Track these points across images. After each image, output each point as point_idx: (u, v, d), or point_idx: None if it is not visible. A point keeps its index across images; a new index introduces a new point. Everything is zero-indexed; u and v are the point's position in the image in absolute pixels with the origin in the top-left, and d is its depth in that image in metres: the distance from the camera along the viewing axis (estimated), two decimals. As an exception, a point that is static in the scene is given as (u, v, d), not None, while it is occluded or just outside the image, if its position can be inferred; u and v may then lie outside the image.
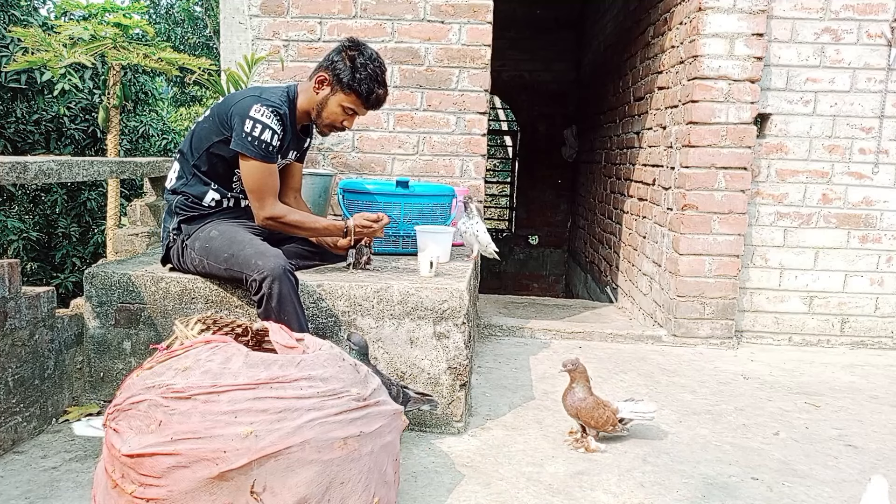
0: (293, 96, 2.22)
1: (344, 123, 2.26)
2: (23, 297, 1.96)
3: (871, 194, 3.38)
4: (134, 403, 1.41)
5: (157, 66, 4.71)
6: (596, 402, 2.06)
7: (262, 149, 2.09)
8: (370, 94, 2.18)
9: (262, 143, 2.08)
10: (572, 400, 2.07)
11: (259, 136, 2.07)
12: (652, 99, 3.98)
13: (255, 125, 2.07)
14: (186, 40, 12.34)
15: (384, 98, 2.24)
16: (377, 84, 2.18)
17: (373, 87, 2.18)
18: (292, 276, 1.99)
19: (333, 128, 2.27)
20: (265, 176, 2.13)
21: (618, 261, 4.81)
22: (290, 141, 2.25)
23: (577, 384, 2.08)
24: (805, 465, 2.09)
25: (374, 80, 2.17)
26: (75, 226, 7.53)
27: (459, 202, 2.70)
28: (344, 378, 1.51)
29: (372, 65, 2.16)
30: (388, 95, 2.26)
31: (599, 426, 2.07)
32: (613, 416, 2.07)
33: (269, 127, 2.08)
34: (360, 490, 1.45)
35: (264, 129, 2.08)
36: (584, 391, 2.07)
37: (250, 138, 2.07)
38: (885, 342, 3.46)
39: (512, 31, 7.50)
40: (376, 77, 2.18)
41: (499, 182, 11.83)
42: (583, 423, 2.08)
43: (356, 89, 2.16)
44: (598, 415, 2.05)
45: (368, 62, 2.16)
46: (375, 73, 2.17)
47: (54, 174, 2.25)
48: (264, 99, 2.11)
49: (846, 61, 3.29)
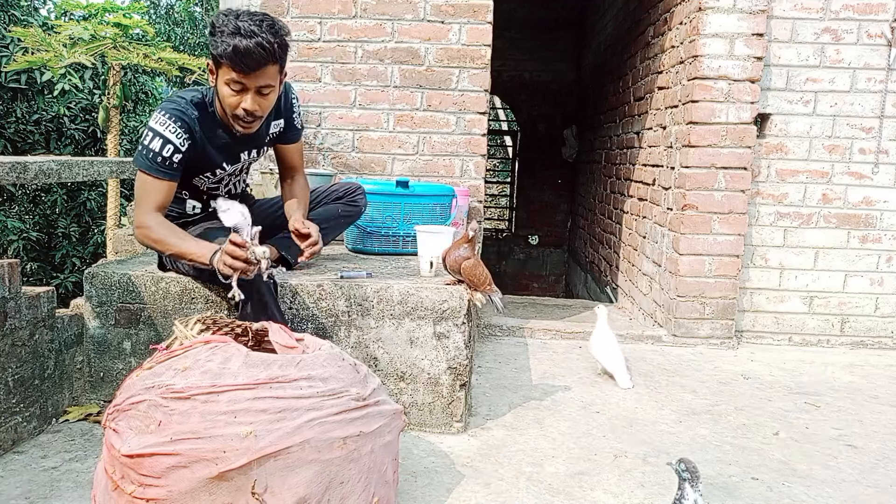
0: (213, 97, 2.00)
1: (243, 107, 1.90)
2: (23, 297, 1.96)
3: (871, 194, 3.38)
4: (133, 404, 1.41)
5: (157, 66, 4.72)
6: (477, 261, 2.17)
7: (146, 157, 1.91)
8: (227, 49, 1.78)
9: (150, 153, 1.91)
10: (456, 256, 2.16)
11: (148, 144, 1.91)
12: (652, 99, 3.98)
13: (147, 133, 1.92)
14: (186, 40, 12.33)
15: (255, 50, 1.79)
16: (239, 36, 1.78)
17: (231, 41, 1.78)
18: (269, 279, 1.95)
19: (238, 118, 1.94)
20: (142, 185, 1.94)
21: (618, 261, 4.81)
22: (224, 144, 2.06)
23: (462, 246, 2.16)
24: (805, 465, 2.09)
25: (233, 34, 1.78)
26: (75, 226, 7.53)
27: None
28: (343, 378, 1.51)
29: (234, 20, 1.80)
30: (266, 48, 1.81)
31: (479, 284, 2.17)
32: (489, 277, 2.20)
33: (160, 135, 1.91)
34: (359, 490, 1.45)
35: (154, 137, 1.91)
36: (468, 251, 2.16)
37: (140, 146, 1.93)
38: (885, 342, 3.46)
39: (512, 31, 7.50)
40: (238, 30, 1.78)
41: (499, 182, 11.83)
42: (465, 279, 2.17)
43: (219, 53, 1.81)
44: (479, 272, 2.16)
45: (231, 19, 1.81)
46: (238, 26, 1.79)
47: (54, 174, 2.25)
48: (169, 102, 1.94)
49: (846, 61, 3.29)
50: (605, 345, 2.82)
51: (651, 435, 2.26)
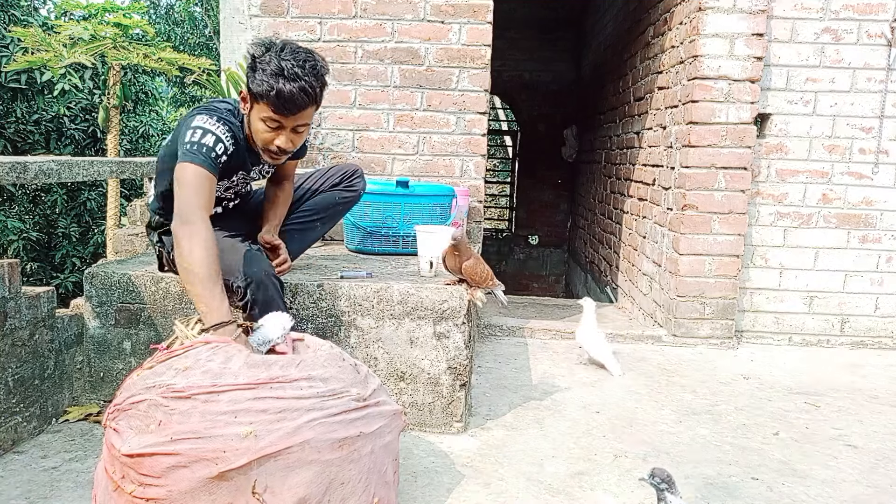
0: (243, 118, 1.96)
1: (277, 144, 1.88)
2: (23, 297, 1.96)
3: (871, 194, 3.38)
4: (134, 403, 1.41)
5: (157, 66, 4.72)
6: (477, 260, 2.21)
7: (200, 152, 1.79)
8: (270, 92, 1.77)
9: (204, 148, 1.80)
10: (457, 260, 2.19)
11: (199, 140, 1.81)
12: (652, 99, 3.98)
13: (196, 131, 1.82)
14: (186, 40, 12.34)
15: (298, 95, 1.79)
16: (283, 78, 1.76)
17: (274, 84, 1.76)
18: (275, 279, 1.93)
19: (269, 152, 1.92)
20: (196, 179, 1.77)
21: (618, 261, 4.81)
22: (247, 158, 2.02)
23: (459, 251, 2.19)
24: (805, 465, 2.09)
25: (276, 75, 1.77)
26: (75, 226, 7.54)
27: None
28: (344, 378, 1.51)
29: (277, 58, 1.78)
30: (309, 93, 1.81)
31: (481, 281, 2.21)
32: (491, 272, 2.24)
33: (212, 133, 1.83)
34: (359, 490, 1.45)
35: (206, 133, 1.82)
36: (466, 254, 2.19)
37: (188, 144, 1.80)
38: (885, 342, 3.46)
39: (512, 31, 7.51)
40: (281, 71, 1.76)
41: (499, 182, 11.83)
42: (467, 279, 2.20)
43: (260, 92, 1.79)
44: (480, 270, 2.20)
45: (273, 57, 1.78)
46: (281, 66, 1.76)
47: (54, 174, 2.25)
48: (211, 109, 1.90)
49: (846, 61, 3.29)
50: (591, 335, 2.95)
51: (651, 435, 2.26)
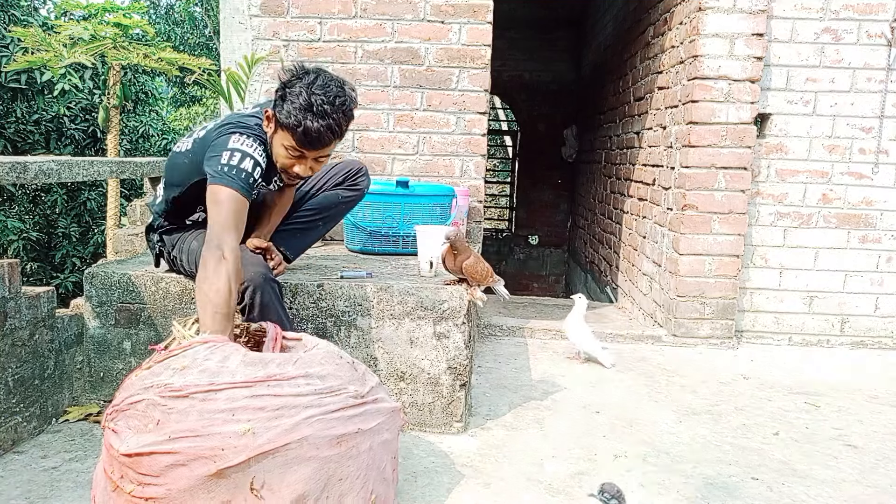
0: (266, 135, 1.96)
1: (296, 171, 1.89)
2: (23, 297, 1.96)
3: (871, 194, 3.38)
4: (132, 403, 1.41)
5: (157, 66, 4.72)
6: (477, 259, 2.22)
7: (240, 178, 1.79)
8: (297, 127, 1.78)
9: (243, 173, 1.80)
10: (457, 259, 2.19)
11: (238, 164, 1.80)
12: (652, 99, 3.98)
13: (234, 154, 1.81)
14: (186, 40, 12.35)
15: (325, 134, 1.80)
16: (311, 115, 1.77)
17: (302, 119, 1.77)
18: (274, 283, 1.92)
19: (288, 175, 1.93)
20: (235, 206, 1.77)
21: (618, 261, 4.81)
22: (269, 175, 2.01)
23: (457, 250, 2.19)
24: (805, 465, 2.08)
25: (305, 110, 1.77)
26: (75, 226, 7.54)
27: None
28: (341, 375, 1.51)
29: (307, 92, 1.77)
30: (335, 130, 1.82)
31: (482, 279, 2.22)
32: (490, 269, 2.26)
33: (250, 156, 1.83)
34: (358, 487, 1.45)
35: (244, 157, 1.82)
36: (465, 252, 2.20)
37: (226, 167, 1.79)
38: (885, 342, 3.46)
39: (512, 31, 7.51)
40: (310, 107, 1.76)
41: (499, 182, 11.83)
42: (468, 277, 2.21)
43: (286, 124, 1.80)
44: (480, 268, 2.21)
45: (304, 90, 1.78)
46: (310, 102, 1.76)
47: (54, 174, 2.25)
48: (244, 127, 1.89)
49: (846, 61, 3.29)
50: (579, 329, 3.02)
51: (651, 435, 2.26)
